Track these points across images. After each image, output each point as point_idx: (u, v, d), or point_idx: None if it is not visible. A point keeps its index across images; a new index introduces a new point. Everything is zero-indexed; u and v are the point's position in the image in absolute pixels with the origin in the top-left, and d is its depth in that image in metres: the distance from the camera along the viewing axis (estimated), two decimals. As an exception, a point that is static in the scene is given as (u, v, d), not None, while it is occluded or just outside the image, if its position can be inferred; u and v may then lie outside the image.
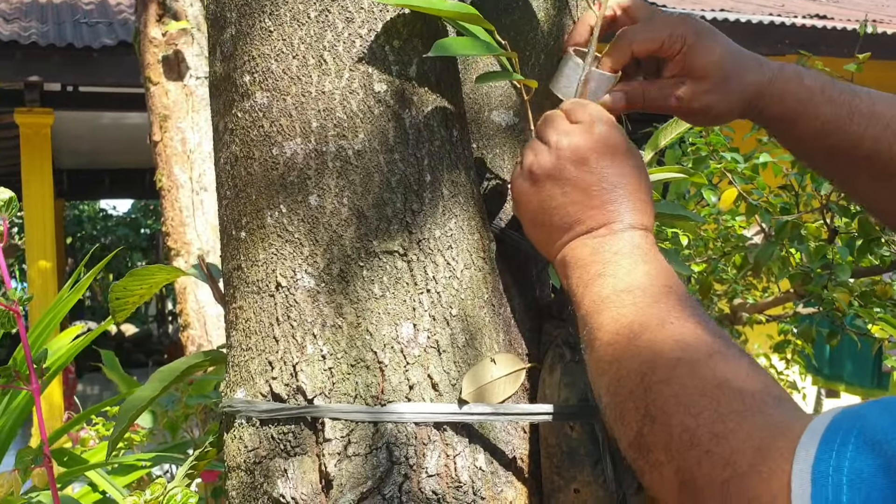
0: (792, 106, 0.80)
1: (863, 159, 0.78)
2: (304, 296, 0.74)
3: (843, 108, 0.79)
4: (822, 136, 0.79)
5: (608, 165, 0.71)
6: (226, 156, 0.80)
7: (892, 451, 0.43)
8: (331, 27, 0.75)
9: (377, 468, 0.71)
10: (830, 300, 1.80)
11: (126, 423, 0.93)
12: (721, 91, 0.80)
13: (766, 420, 0.51)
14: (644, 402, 0.58)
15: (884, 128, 0.77)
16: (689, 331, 0.60)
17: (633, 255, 0.68)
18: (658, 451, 0.56)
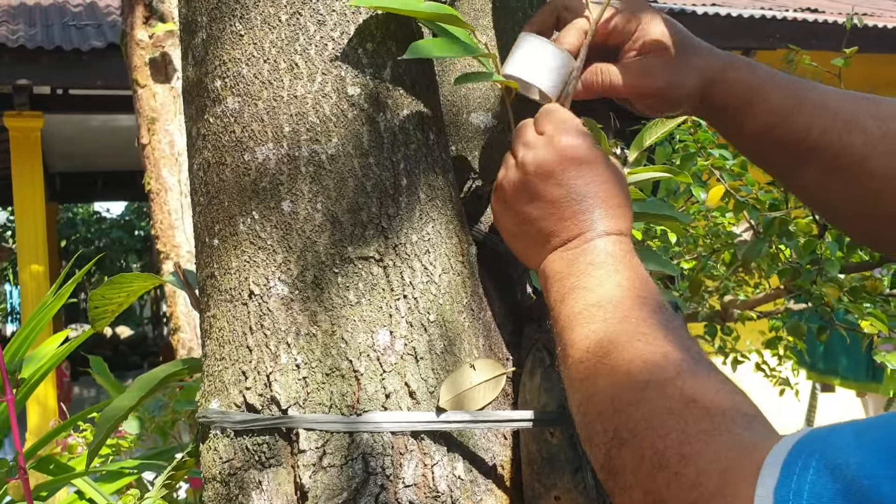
0: (742, 93, 0.78)
1: (810, 151, 0.76)
2: (278, 304, 0.73)
3: (790, 98, 0.77)
4: (769, 127, 0.77)
5: (575, 176, 0.70)
6: (198, 162, 0.79)
7: (851, 475, 0.42)
8: (302, 30, 0.74)
9: (353, 479, 0.70)
10: (819, 296, 1.79)
11: (104, 434, 0.91)
12: (679, 67, 0.78)
13: (733, 440, 0.51)
14: (613, 425, 0.57)
15: (832, 118, 0.75)
16: (657, 349, 0.59)
17: (606, 264, 0.67)
18: (627, 474, 0.55)
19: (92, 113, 6.69)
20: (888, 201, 0.73)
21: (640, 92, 0.79)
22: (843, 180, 0.75)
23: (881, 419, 0.45)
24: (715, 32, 5.82)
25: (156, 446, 2.01)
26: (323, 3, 0.74)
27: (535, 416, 0.75)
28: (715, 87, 0.79)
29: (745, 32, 5.96)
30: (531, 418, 0.75)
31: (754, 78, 0.78)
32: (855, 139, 0.74)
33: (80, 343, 1.64)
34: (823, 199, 0.80)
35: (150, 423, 1.84)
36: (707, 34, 4.37)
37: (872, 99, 0.77)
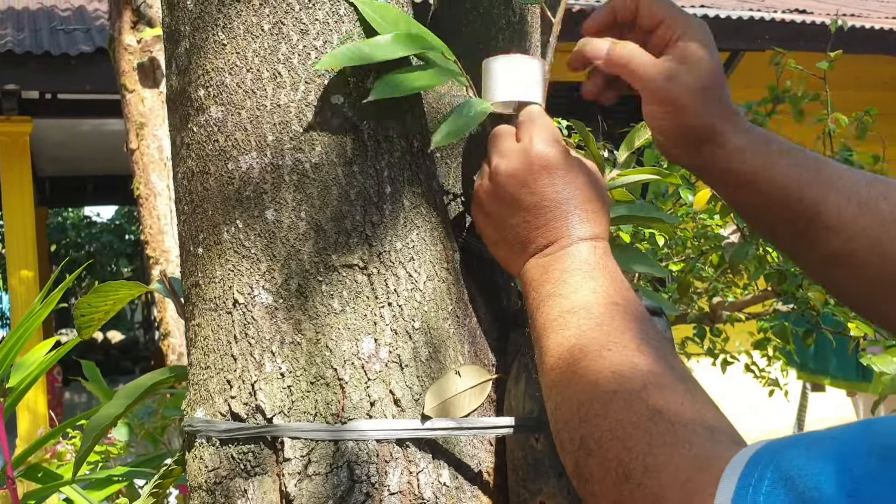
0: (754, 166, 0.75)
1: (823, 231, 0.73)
2: (262, 312, 0.73)
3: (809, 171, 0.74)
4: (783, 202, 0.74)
5: (547, 184, 0.71)
6: (183, 171, 0.79)
7: (803, 486, 0.43)
8: (285, 40, 0.74)
9: (338, 487, 0.70)
10: (805, 300, 1.80)
11: (91, 442, 0.91)
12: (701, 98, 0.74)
13: (695, 452, 0.51)
14: (580, 434, 0.58)
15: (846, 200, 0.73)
16: (627, 359, 0.59)
17: (581, 270, 0.68)
18: (594, 483, 0.56)
19: (81, 117, 6.67)
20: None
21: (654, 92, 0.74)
22: (855, 263, 0.73)
23: (834, 432, 0.46)
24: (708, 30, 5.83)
25: (146, 453, 2.01)
26: (305, 12, 0.74)
27: (519, 422, 0.75)
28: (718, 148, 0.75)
29: (733, 34, 5.98)
30: (516, 424, 0.75)
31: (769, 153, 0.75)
32: (869, 221, 0.72)
33: (70, 349, 1.64)
34: (833, 279, 0.78)
35: (139, 430, 1.83)
36: (695, 36, 4.28)
37: (882, 181, 0.75)
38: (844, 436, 0.45)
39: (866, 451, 0.42)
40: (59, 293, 1.49)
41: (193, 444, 0.76)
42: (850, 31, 5.66)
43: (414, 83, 0.73)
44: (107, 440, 1.89)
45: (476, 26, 0.90)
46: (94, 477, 1.55)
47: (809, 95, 2.16)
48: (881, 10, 7.27)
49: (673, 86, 0.74)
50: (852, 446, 0.43)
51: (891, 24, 6.38)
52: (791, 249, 0.80)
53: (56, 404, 6.70)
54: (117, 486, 1.57)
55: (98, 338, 13.27)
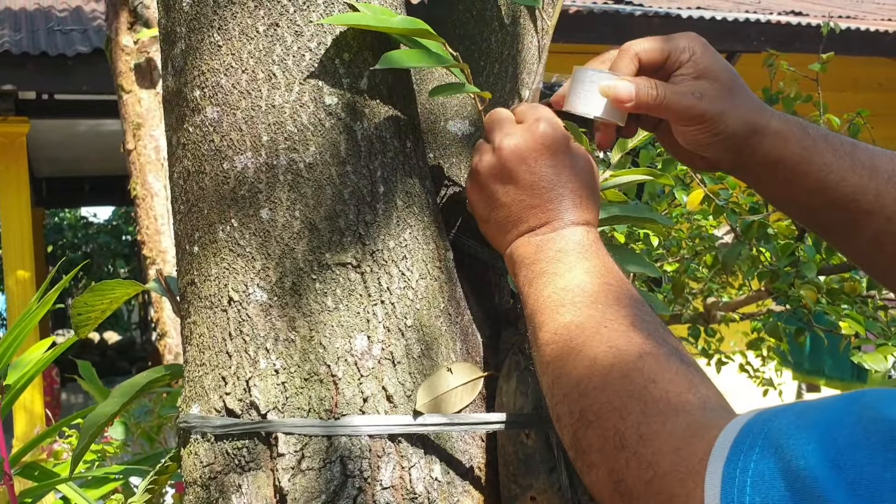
0: (796, 150, 0.75)
1: (865, 214, 0.75)
2: (257, 310, 0.74)
3: (845, 158, 0.75)
4: (823, 188, 0.76)
5: (547, 165, 0.72)
6: (178, 171, 0.80)
7: (790, 455, 0.44)
8: (280, 41, 0.75)
9: (331, 482, 0.71)
10: (797, 298, 1.82)
11: (87, 440, 0.92)
12: (732, 99, 0.75)
13: (688, 421, 0.53)
14: (579, 407, 0.59)
15: (885, 182, 0.74)
16: (622, 334, 0.61)
17: (575, 252, 0.70)
18: (593, 454, 0.58)
19: (78, 118, 6.67)
20: None
21: (688, 114, 0.75)
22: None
23: (824, 402, 0.47)
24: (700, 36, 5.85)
25: (143, 452, 2.02)
26: (300, 14, 0.75)
27: (511, 418, 0.76)
28: (764, 138, 0.76)
29: (729, 36, 6.00)
30: (507, 420, 0.76)
31: (807, 135, 0.76)
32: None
33: (67, 349, 1.64)
34: (876, 261, 0.80)
35: (136, 429, 1.84)
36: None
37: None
38: (832, 406, 0.46)
39: (853, 421, 0.44)
40: (55, 293, 1.50)
41: (188, 439, 0.77)
42: (846, 33, 5.68)
43: (412, 61, 0.75)
44: (103, 439, 1.90)
45: (469, 27, 0.91)
46: (91, 475, 1.56)
47: (803, 97, 2.17)
48: (877, 13, 7.29)
49: (704, 102, 0.74)
50: (839, 417, 0.44)
51: (886, 25, 6.40)
52: (837, 237, 0.81)
53: (54, 405, 6.70)
54: (114, 484, 1.58)
55: (95, 338, 13.25)
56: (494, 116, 0.77)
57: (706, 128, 0.75)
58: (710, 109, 0.74)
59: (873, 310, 2.01)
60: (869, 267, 0.85)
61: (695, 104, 0.74)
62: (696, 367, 0.59)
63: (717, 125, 0.75)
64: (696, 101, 0.74)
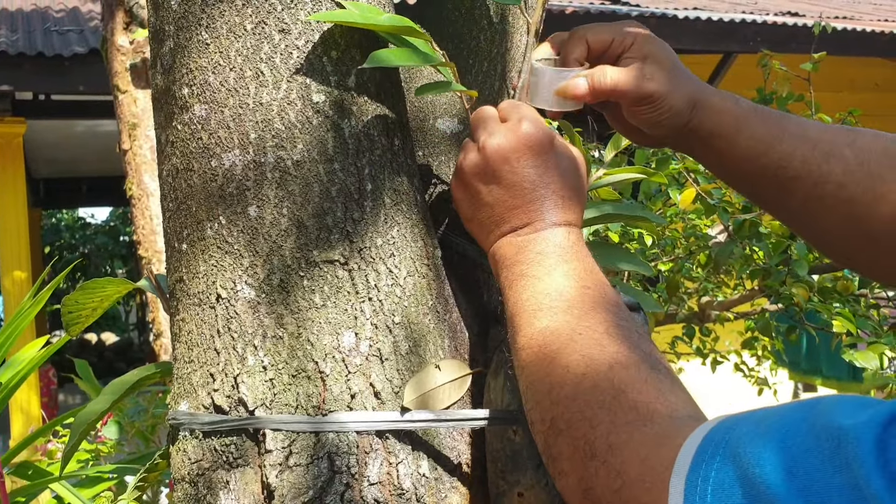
0: (728, 121, 0.80)
1: (792, 179, 0.79)
2: (245, 307, 0.74)
3: (773, 126, 0.80)
4: (754, 156, 0.80)
5: (530, 165, 0.73)
6: (167, 168, 0.80)
7: (746, 462, 0.45)
8: (267, 39, 0.76)
9: (318, 478, 0.71)
10: (789, 296, 1.82)
11: (77, 439, 0.92)
12: (675, 79, 0.80)
13: (655, 431, 0.54)
14: (550, 415, 0.60)
15: (811, 148, 0.78)
16: (595, 342, 0.62)
17: (555, 254, 0.70)
18: (563, 461, 0.58)
19: (75, 118, 6.67)
20: (867, 225, 0.76)
21: (639, 94, 0.80)
22: (825, 207, 0.78)
23: (782, 409, 0.48)
24: (696, 36, 5.86)
25: (138, 451, 2.02)
26: (287, 12, 0.76)
27: (497, 414, 0.77)
28: (702, 112, 0.81)
29: (726, 36, 6.01)
30: (493, 416, 0.76)
31: (738, 108, 0.81)
32: (834, 167, 0.77)
33: (60, 348, 1.64)
34: (807, 226, 0.83)
35: (130, 429, 1.84)
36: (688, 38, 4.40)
37: (850, 130, 0.80)
38: (789, 414, 0.47)
39: (806, 429, 0.44)
40: (49, 291, 1.50)
41: (177, 436, 0.77)
42: (842, 34, 5.69)
43: (399, 60, 0.76)
44: (97, 438, 1.90)
45: (458, 26, 0.91)
46: (85, 474, 1.56)
47: (796, 96, 2.18)
48: (873, 13, 7.30)
49: (653, 83, 0.79)
50: (794, 424, 0.45)
51: (882, 26, 6.41)
52: (771, 205, 0.86)
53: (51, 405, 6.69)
54: (107, 483, 1.58)
55: (92, 339, 13.24)
56: (480, 114, 0.77)
57: (656, 106, 0.80)
58: (658, 89, 0.79)
59: (865, 308, 2.01)
60: (803, 233, 0.89)
61: (645, 85, 0.79)
62: (666, 374, 0.60)
63: (665, 103, 0.80)
64: (647, 82, 0.79)
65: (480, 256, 0.89)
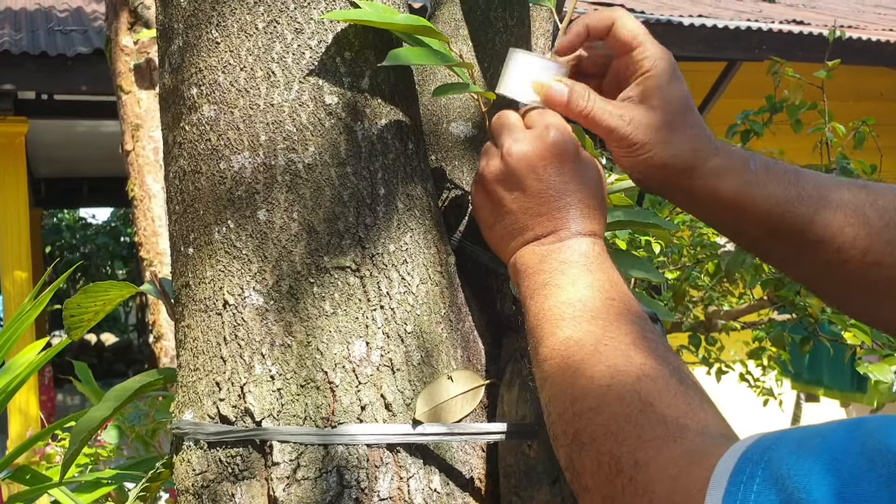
0: (733, 185, 0.73)
1: (812, 245, 0.74)
2: (253, 314, 0.72)
3: (791, 188, 0.73)
4: (767, 219, 0.74)
5: (556, 173, 0.70)
6: (174, 170, 0.78)
7: (792, 487, 0.42)
8: (279, 38, 0.73)
9: (327, 492, 0.69)
10: (803, 306, 1.80)
11: (78, 446, 0.90)
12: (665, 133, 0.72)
13: (685, 447, 0.51)
14: (574, 428, 0.58)
15: (833, 212, 0.73)
16: (622, 353, 0.59)
17: (579, 264, 0.68)
18: (586, 477, 0.56)
19: (77, 118, 6.65)
20: None
21: (611, 135, 0.73)
22: (850, 272, 0.73)
23: (825, 429, 0.45)
24: (701, 43, 5.85)
25: (138, 456, 1.99)
26: (301, 11, 0.74)
27: (512, 428, 0.74)
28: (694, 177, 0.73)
29: (731, 44, 5.99)
30: (508, 430, 0.74)
31: (747, 171, 0.74)
32: (859, 231, 0.72)
33: (61, 351, 1.62)
34: (829, 289, 0.79)
35: (130, 434, 1.82)
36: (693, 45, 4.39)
37: (869, 189, 0.75)
38: (835, 435, 0.44)
39: (856, 450, 0.42)
40: (49, 293, 1.48)
41: (181, 446, 0.75)
42: (848, 43, 5.67)
43: (416, 59, 0.74)
44: (97, 443, 1.88)
45: (473, 28, 0.89)
46: (84, 479, 1.54)
47: (807, 105, 2.15)
48: (878, 22, 7.29)
49: (633, 129, 0.72)
50: (842, 446, 0.43)
51: (888, 35, 6.39)
52: (782, 264, 0.80)
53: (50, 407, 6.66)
54: (106, 489, 1.56)
55: (91, 340, 13.22)
56: (503, 120, 0.74)
57: (630, 152, 0.73)
58: (634, 137, 0.72)
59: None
60: (821, 293, 0.83)
61: (619, 127, 0.72)
62: (696, 389, 0.57)
63: (639, 153, 0.72)
64: (623, 124, 0.72)
65: (495, 264, 0.86)
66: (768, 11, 7.19)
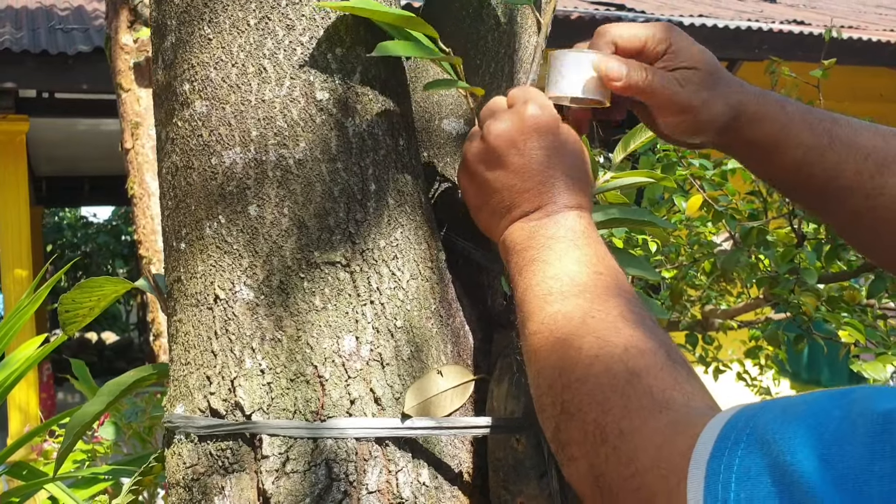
0: (772, 130, 0.76)
1: (842, 190, 0.75)
2: (243, 308, 0.72)
3: (823, 136, 0.75)
4: (800, 165, 0.76)
5: (537, 147, 0.70)
6: (167, 166, 0.79)
7: (777, 450, 0.43)
8: (271, 35, 0.74)
9: (315, 485, 0.69)
10: (797, 304, 1.80)
11: (72, 440, 0.91)
12: (712, 87, 0.76)
13: (671, 417, 0.52)
14: (561, 399, 0.58)
15: (864, 159, 0.74)
16: (609, 324, 0.60)
17: (567, 238, 0.68)
18: (573, 447, 0.56)
19: (78, 117, 6.66)
20: None
21: (671, 101, 0.75)
22: (878, 219, 0.75)
23: (809, 396, 0.46)
24: (702, 43, 5.83)
25: (135, 452, 2.00)
26: (292, 7, 0.74)
27: (500, 422, 0.75)
28: (743, 120, 0.77)
29: (732, 43, 5.99)
30: (496, 425, 0.75)
31: (784, 114, 0.76)
32: (888, 179, 0.73)
33: (59, 347, 1.63)
34: (859, 236, 0.80)
35: (127, 430, 1.82)
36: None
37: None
38: (819, 400, 0.45)
39: (840, 415, 0.42)
40: (46, 289, 1.48)
41: (172, 440, 0.75)
42: (848, 43, 5.67)
43: (404, 51, 0.74)
44: (94, 439, 1.88)
45: (465, 25, 0.90)
46: (80, 475, 1.54)
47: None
48: (878, 23, 7.29)
49: (687, 91, 0.75)
50: (826, 410, 0.43)
51: (888, 36, 6.39)
52: (818, 210, 0.82)
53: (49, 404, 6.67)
54: (103, 484, 1.56)
55: (92, 338, 13.23)
56: (489, 106, 0.75)
57: (690, 117, 0.76)
58: (693, 99, 0.75)
59: (872, 319, 1.99)
60: (851, 240, 0.86)
61: (679, 92, 0.75)
62: (682, 363, 0.57)
63: (699, 114, 0.76)
64: (680, 89, 0.75)
65: (485, 260, 0.87)
66: (769, 11, 7.19)
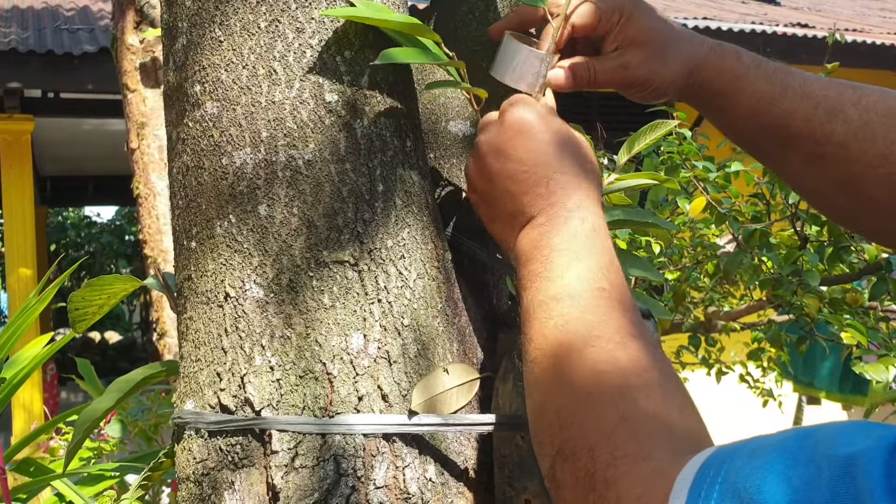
0: (729, 80, 0.79)
1: (793, 138, 0.77)
2: (253, 306, 0.74)
3: (776, 84, 0.78)
4: (755, 114, 0.78)
5: (522, 147, 0.70)
6: (178, 166, 0.80)
7: (749, 498, 0.43)
8: (281, 37, 0.75)
9: (324, 480, 0.70)
10: (800, 306, 1.81)
11: (81, 436, 0.92)
12: (662, 58, 0.79)
13: (653, 467, 0.51)
14: (558, 440, 0.58)
15: (814, 106, 0.76)
16: (608, 356, 0.58)
17: (569, 250, 0.65)
18: (566, 490, 0.56)
19: (83, 117, 6.68)
20: (868, 187, 0.75)
21: (622, 83, 0.80)
22: (825, 167, 0.77)
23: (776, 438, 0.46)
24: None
25: (140, 450, 2.01)
26: (302, 10, 0.75)
27: (504, 419, 0.76)
28: (700, 74, 0.80)
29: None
30: (500, 422, 0.76)
31: (740, 65, 0.79)
32: (836, 127, 0.75)
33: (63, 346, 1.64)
34: (808, 185, 0.82)
35: (133, 428, 1.84)
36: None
37: (855, 87, 0.78)
38: (785, 444, 0.45)
39: (805, 459, 0.43)
40: (53, 289, 1.50)
41: (182, 435, 0.77)
42: (852, 46, 5.68)
43: (408, 58, 0.76)
44: (100, 436, 1.90)
45: (472, 28, 0.91)
46: (86, 472, 1.55)
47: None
48: (883, 26, 7.29)
49: (632, 70, 0.79)
50: (793, 455, 0.44)
51: (892, 39, 6.40)
52: (773, 162, 0.84)
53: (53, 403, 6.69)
54: (109, 481, 1.58)
55: (96, 338, 13.26)
56: (482, 121, 0.76)
57: (642, 88, 0.80)
58: (639, 75, 0.79)
59: (874, 321, 2.00)
60: (804, 192, 0.88)
61: (624, 74, 0.79)
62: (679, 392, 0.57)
63: (650, 84, 0.80)
64: (624, 71, 0.79)
65: (491, 260, 0.88)
66: (773, 14, 7.20)
